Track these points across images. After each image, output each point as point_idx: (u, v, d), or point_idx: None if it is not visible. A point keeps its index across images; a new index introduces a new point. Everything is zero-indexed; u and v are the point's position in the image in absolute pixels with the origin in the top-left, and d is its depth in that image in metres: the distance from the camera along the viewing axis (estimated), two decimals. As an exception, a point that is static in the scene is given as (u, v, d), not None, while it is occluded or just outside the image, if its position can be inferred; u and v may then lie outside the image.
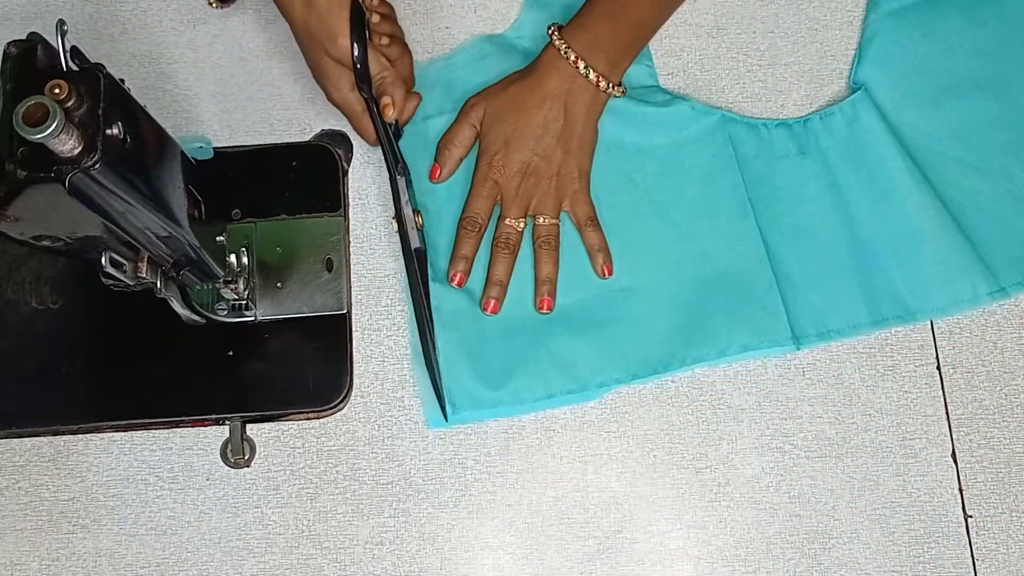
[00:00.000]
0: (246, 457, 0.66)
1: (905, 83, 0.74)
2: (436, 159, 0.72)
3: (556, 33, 0.69)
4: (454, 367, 0.69)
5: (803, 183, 0.73)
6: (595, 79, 0.68)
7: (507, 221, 0.70)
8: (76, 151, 0.44)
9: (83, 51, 0.48)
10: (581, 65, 0.68)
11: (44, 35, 0.48)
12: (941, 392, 0.70)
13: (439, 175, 0.72)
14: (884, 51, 0.75)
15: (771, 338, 0.69)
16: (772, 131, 0.74)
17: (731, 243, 0.71)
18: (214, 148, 0.67)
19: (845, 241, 0.71)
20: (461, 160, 0.72)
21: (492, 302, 0.69)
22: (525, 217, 0.71)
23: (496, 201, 0.71)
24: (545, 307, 0.70)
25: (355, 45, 0.65)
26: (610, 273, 0.71)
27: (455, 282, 0.70)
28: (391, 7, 0.73)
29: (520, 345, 0.69)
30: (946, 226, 0.71)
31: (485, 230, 0.71)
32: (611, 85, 0.69)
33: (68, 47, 0.47)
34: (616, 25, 0.68)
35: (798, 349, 0.70)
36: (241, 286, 0.65)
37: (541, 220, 0.71)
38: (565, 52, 0.68)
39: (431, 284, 0.70)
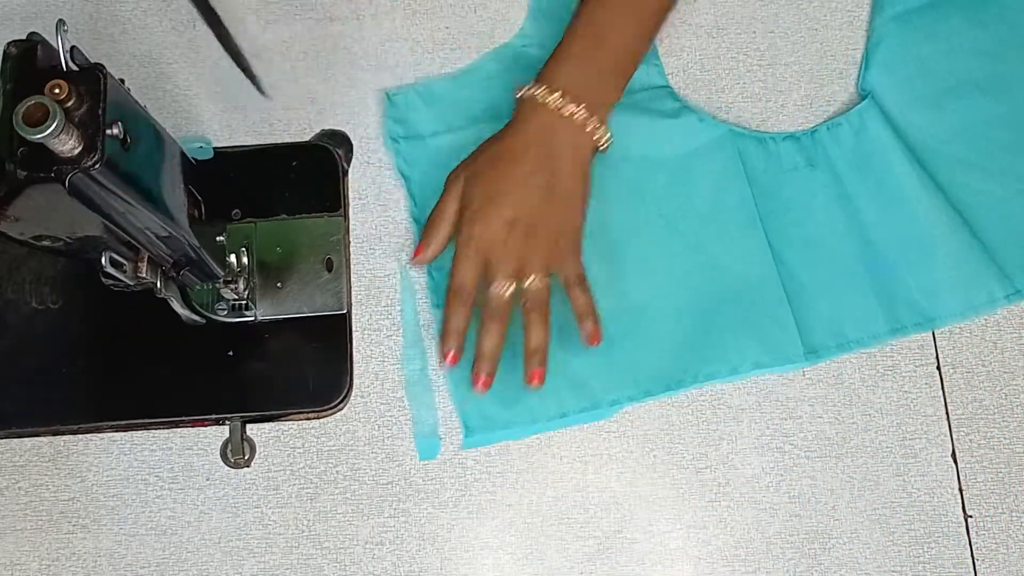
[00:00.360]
0: (246, 457, 0.66)
1: (910, 86, 0.74)
2: (422, 238, 0.68)
3: (530, 86, 0.65)
4: (464, 390, 0.68)
5: (812, 195, 0.72)
6: (581, 122, 0.64)
7: (493, 289, 0.65)
8: (76, 151, 0.44)
9: (83, 51, 0.48)
10: (564, 111, 0.64)
11: (44, 35, 0.48)
12: (941, 392, 0.70)
13: (422, 255, 0.68)
14: (890, 55, 0.75)
15: (783, 354, 0.69)
16: (780, 144, 0.73)
17: (741, 257, 0.71)
18: (214, 148, 0.66)
19: (857, 251, 0.71)
20: (448, 238, 0.68)
21: (483, 377, 0.65)
22: (514, 280, 0.65)
23: (482, 267, 0.66)
24: (536, 380, 0.65)
25: None
26: (598, 341, 0.66)
27: (448, 360, 0.65)
28: None
29: None
30: (957, 230, 0.71)
31: (474, 299, 0.66)
32: (597, 129, 0.65)
33: (68, 47, 0.47)
34: (595, 59, 0.64)
35: (810, 364, 0.69)
36: (241, 286, 0.65)
37: (530, 281, 0.65)
38: (542, 98, 0.64)
39: (434, 311, 0.70)
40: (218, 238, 0.64)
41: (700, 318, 0.70)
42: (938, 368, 0.70)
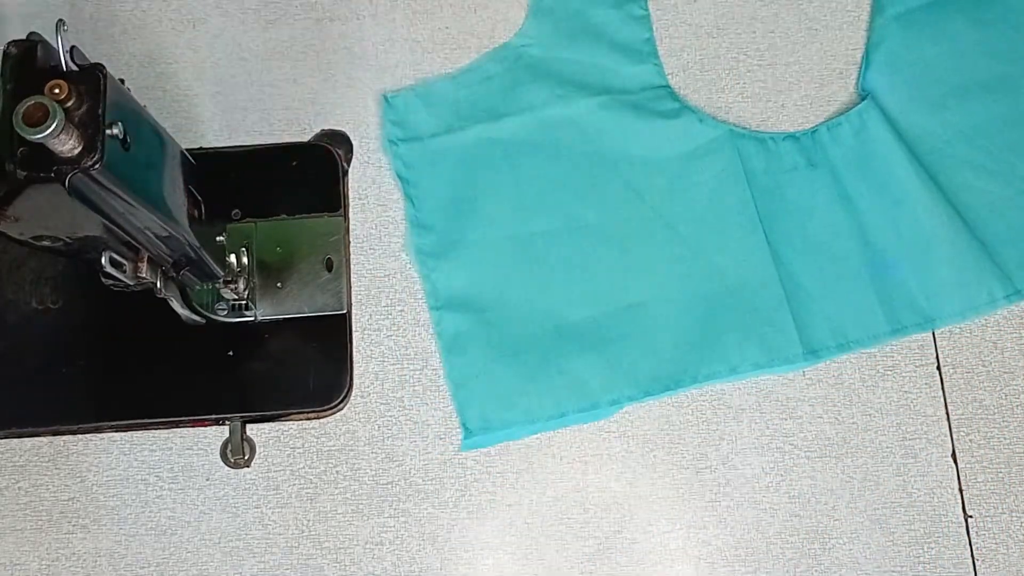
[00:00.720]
0: (246, 457, 0.66)
1: (914, 87, 0.74)
2: None
3: None
4: (463, 391, 0.69)
5: (813, 195, 0.72)
6: None
7: None
8: (76, 151, 0.44)
9: (83, 51, 0.48)
10: None
11: (44, 35, 0.48)
12: (941, 392, 0.70)
13: None
14: (892, 55, 0.75)
15: (782, 356, 0.69)
16: (780, 144, 0.73)
17: (740, 259, 0.71)
18: (213, 148, 0.66)
19: (858, 251, 0.71)
20: None
21: None
22: None
23: None
24: None
25: None
26: None
27: None
28: None
29: (530, 362, 0.69)
30: (958, 231, 0.70)
31: None
32: None
33: (68, 47, 0.47)
34: None
35: (809, 364, 0.69)
36: (241, 286, 0.65)
37: None
38: None
39: (432, 312, 0.70)
40: (218, 238, 0.64)
41: (699, 318, 0.70)
42: (938, 368, 0.70)
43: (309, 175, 0.71)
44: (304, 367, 0.68)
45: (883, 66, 0.75)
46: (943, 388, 0.70)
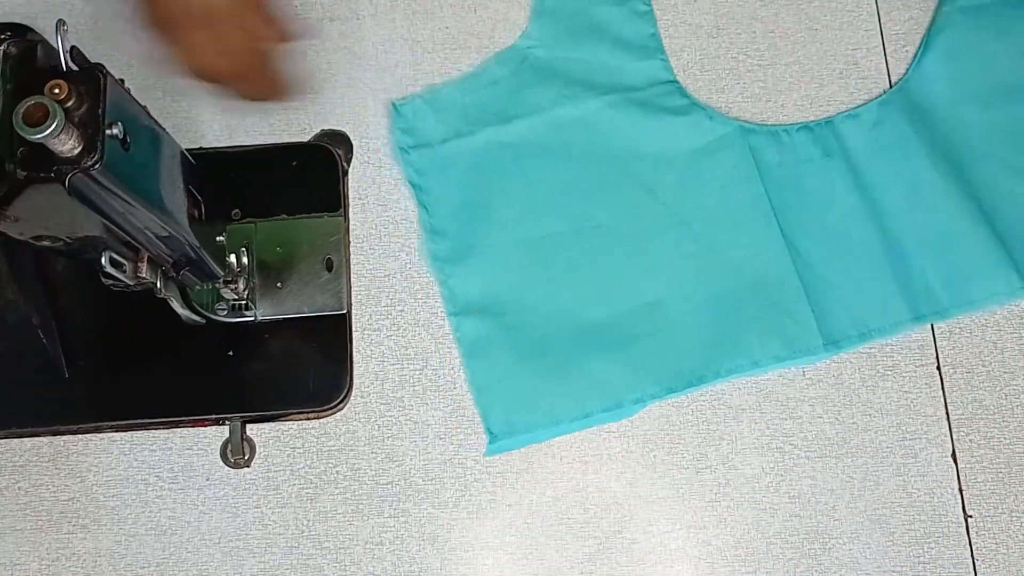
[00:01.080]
0: (246, 457, 0.66)
1: (968, 79, 0.74)
2: None
3: None
4: (486, 395, 0.68)
5: (830, 184, 0.72)
6: None
7: None
8: (76, 151, 0.44)
9: (83, 51, 0.48)
10: None
11: (44, 35, 0.48)
12: (941, 392, 0.70)
13: None
14: (952, 45, 0.74)
15: (802, 347, 0.69)
16: (794, 136, 0.73)
17: (756, 252, 0.71)
18: (213, 148, 0.66)
19: (878, 240, 0.71)
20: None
21: None
22: None
23: None
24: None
25: None
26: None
27: None
28: None
29: (552, 364, 0.69)
30: (976, 222, 0.70)
31: None
32: None
33: (68, 47, 0.47)
34: None
35: (831, 355, 0.69)
36: (241, 286, 0.65)
37: None
38: None
39: (451, 317, 0.70)
40: (218, 238, 0.64)
41: (718, 314, 0.70)
42: (938, 368, 0.70)
43: (309, 175, 0.71)
44: (304, 367, 0.68)
45: (940, 53, 0.74)
46: (943, 388, 0.70)
